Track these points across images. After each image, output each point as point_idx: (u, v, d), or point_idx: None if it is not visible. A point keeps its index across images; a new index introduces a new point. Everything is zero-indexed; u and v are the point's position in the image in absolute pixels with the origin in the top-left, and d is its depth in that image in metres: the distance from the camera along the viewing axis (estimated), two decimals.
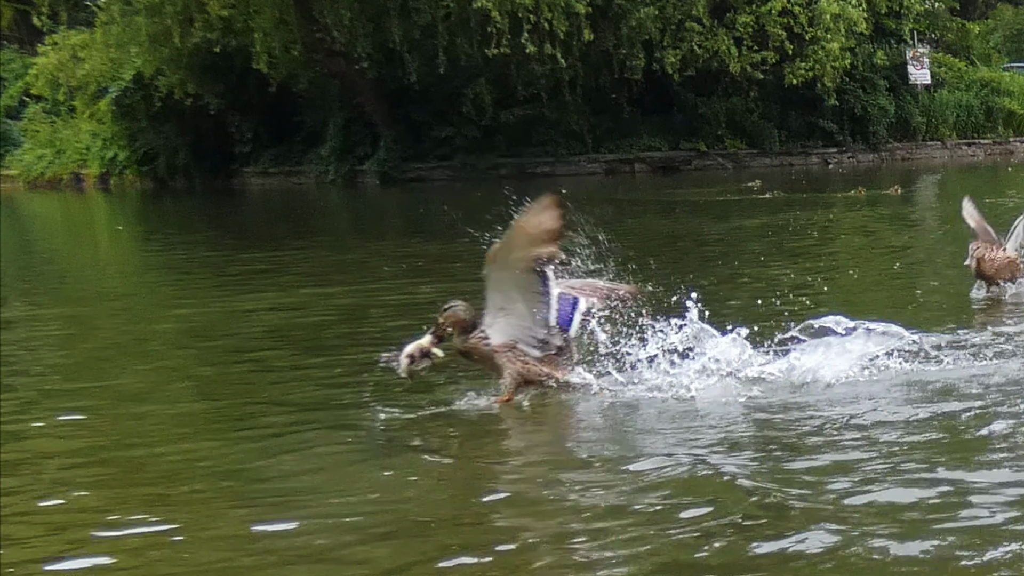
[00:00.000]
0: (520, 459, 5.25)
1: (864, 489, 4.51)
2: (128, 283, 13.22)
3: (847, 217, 18.09)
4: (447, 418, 5.76)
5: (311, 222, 22.43)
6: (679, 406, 5.81)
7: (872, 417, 5.54)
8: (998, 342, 7.09)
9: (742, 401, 5.88)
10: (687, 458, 4.92)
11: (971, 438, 5.22)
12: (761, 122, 34.92)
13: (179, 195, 31.50)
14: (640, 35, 32.93)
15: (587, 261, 6.33)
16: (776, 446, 5.13)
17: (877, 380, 6.24)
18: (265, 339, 8.37)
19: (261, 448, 5.33)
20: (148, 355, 7.96)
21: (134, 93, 33.47)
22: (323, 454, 5.22)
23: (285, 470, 5.00)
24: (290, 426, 5.69)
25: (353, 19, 31.58)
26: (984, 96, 39.27)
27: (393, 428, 5.61)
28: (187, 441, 5.53)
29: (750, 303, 8.59)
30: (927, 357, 6.56)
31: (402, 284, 11.12)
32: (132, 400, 6.42)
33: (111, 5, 32.51)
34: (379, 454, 5.19)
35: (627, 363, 6.19)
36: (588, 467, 4.94)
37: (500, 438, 5.54)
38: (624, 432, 5.46)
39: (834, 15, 33.69)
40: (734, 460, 4.92)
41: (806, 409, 5.73)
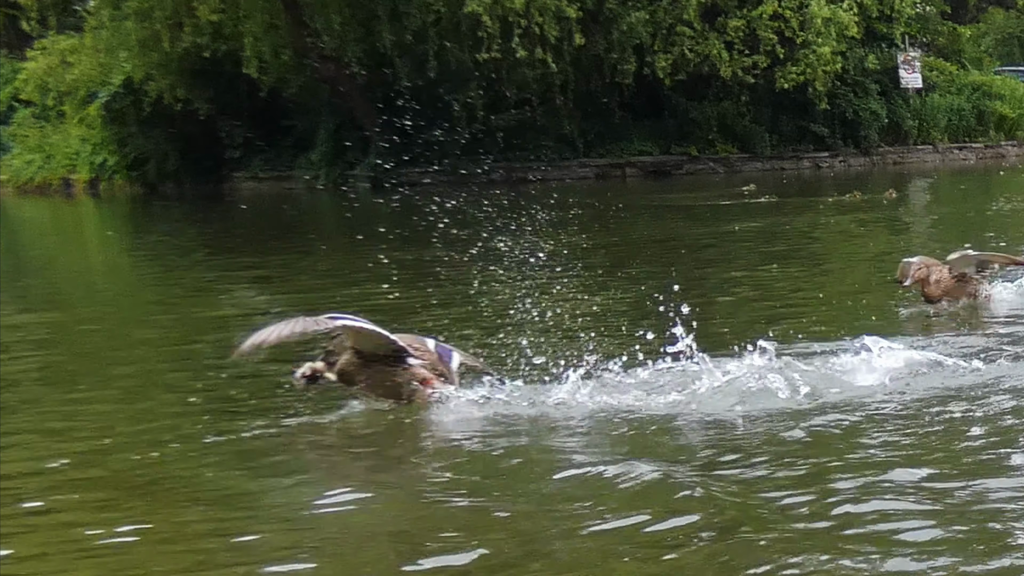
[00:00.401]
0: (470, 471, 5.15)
1: (839, 502, 4.44)
2: (118, 288, 13.17)
3: (843, 221, 18.05)
4: (426, 427, 5.68)
5: (300, 227, 22.36)
6: (630, 419, 5.73)
7: (845, 426, 5.47)
8: (954, 346, 7.06)
9: (736, 413, 5.80)
10: (648, 469, 4.84)
11: (952, 444, 5.15)
12: (752, 126, 34.89)
13: (169, 200, 31.40)
14: (631, 39, 32.90)
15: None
16: (733, 456, 5.06)
17: (847, 388, 6.19)
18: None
19: (240, 453, 5.25)
20: (132, 361, 7.90)
21: (124, 98, 33.36)
22: (304, 460, 5.14)
23: (264, 476, 4.92)
24: (273, 432, 5.60)
25: (343, 24, 31.53)
26: (975, 100, 39.28)
27: (368, 436, 5.53)
28: (166, 446, 5.45)
29: (752, 311, 8.54)
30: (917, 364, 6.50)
31: (389, 289, 11.06)
32: (116, 403, 6.36)
33: (100, 10, 32.44)
34: (353, 461, 5.11)
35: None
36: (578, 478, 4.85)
37: (469, 449, 5.46)
38: (572, 446, 5.39)
39: (825, 19, 33.68)
40: (706, 473, 4.85)
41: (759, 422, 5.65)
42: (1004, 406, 5.69)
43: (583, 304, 9.39)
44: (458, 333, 7.89)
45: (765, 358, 6.23)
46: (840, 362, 6.42)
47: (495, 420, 5.72)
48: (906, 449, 5.09)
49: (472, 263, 13.02)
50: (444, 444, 5.45)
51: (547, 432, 5.57)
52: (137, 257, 17.30)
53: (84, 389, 6.93)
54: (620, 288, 10.80)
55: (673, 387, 6.06)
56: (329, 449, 5.39)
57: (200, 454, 5.29)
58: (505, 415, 5.78)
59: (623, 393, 6.00)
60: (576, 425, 5.64)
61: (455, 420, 5.72)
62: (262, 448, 5.33)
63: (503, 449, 5.30)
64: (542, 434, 5.58)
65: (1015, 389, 6.01)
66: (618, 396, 5.96)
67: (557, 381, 6.15)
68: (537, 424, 5.69)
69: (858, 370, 6.30)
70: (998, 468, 4.80)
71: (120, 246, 19.82)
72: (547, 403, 5.89)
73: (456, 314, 9.28)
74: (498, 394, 5.96)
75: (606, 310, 9.20)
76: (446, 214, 14.95)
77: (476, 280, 10.07)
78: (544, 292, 10.33)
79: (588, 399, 5.90)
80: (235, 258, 15.47)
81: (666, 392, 6.01)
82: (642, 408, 5.82)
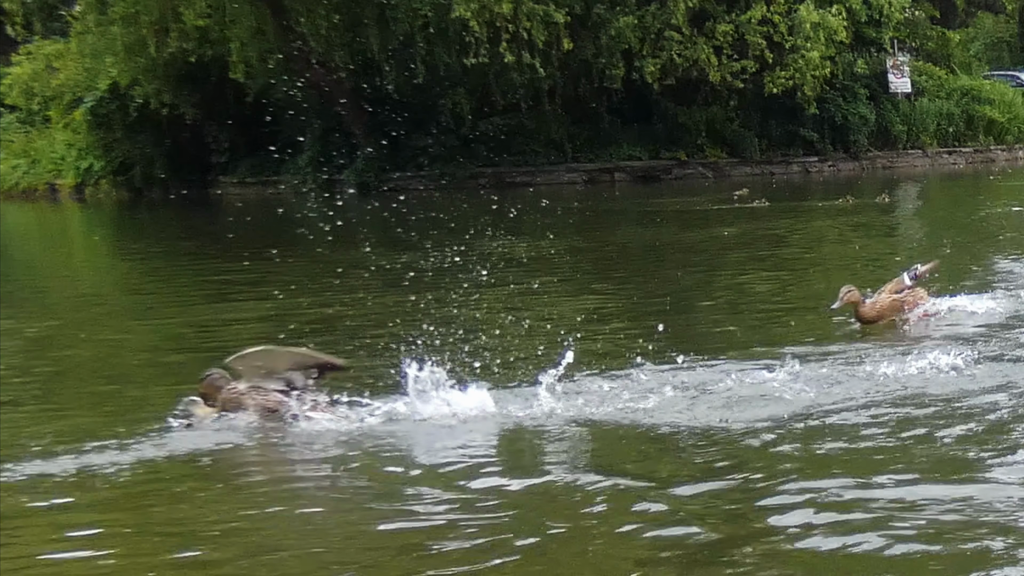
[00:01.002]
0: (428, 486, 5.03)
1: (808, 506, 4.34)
2: (103, 293, 13.08)
3: (837, 225, 17.98)
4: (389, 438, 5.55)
5: (286, 232, 22.21)
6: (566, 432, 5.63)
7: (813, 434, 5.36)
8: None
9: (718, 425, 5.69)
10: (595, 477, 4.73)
11: (925, 449, 5.05)
12: (741, 131, 34.82)
13: (155, 205, 31.24)
14: (619, 44, 32.80)
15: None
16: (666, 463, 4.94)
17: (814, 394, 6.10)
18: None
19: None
20: (117, 365, 7.82)
21: (109, 103, 33.18)
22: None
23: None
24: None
25: (330, 29, 31.39)
26: (965, 104, 39.27)
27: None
28: (143, 452, 5.34)
29: (733, 317, 8.44)
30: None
31: (376, 295, 11.00)
32: (97, 407, 6.26)
33: (86, 15, 32.23)
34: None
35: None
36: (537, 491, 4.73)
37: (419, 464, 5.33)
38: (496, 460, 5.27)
39: (814, 24, 33.61)
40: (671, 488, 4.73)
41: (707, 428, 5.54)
42: (943, 419, 5.62)
43: (545, 310, 9.31)
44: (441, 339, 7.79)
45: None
46: (763, 378, 6.37)
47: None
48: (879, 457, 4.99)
49: (451, 268, 12.96)
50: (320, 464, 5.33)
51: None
52: (123, 262, 17.20)
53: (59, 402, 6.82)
54: (596, 294, 10.69)
55: (621, 397, 5.99)
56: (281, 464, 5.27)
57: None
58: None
59: (568, 401, 5.91)
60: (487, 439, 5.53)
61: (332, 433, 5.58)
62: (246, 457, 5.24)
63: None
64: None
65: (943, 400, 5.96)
66: (564, 403, 5.88)
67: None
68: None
69: (780, 389, 6.23)
70: (945, 480, 4.73)
71: (107, 251, 19.72)
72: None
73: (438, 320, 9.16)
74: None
75: (575, 316, 9.10)
76: (430, 219, 14.91)
77: (460, 285, 9.96)
78: (510, 297, 10.26)
79: (520, 409, 5.82)
80: (215, 265, 15.34)
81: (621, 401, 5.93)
82: (592, 418, 5.73)
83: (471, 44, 30.81)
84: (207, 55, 31.53)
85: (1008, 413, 5.77)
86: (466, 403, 6.04)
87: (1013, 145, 40.76)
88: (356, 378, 6.93)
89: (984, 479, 4.78)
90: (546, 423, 5.76)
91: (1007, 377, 6.51)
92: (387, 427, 5.83)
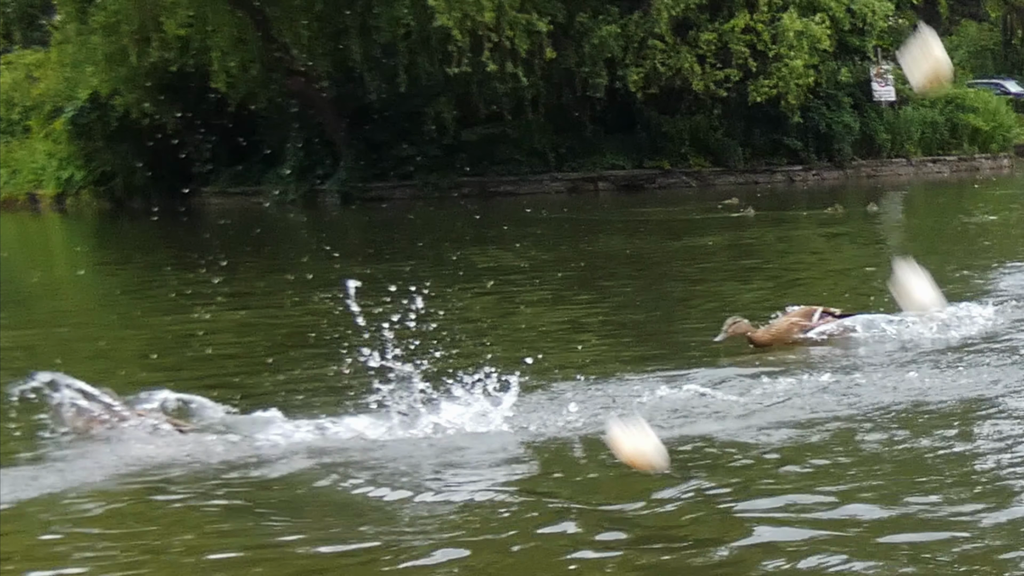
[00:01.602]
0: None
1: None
2: (86, 304, 12.95)
3: (827, 234, 17.92)
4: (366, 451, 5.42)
5: (268, 242, 22.12)
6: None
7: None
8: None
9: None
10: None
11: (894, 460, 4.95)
12: (725, 140, 34.76)
13: (136, 215, 31.05)
14: (602, 53, 32.75)
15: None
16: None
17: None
18: (216, 359, 8.34)
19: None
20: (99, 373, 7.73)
21: (90, 113, 33.02)
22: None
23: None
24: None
25: (312, 38, 31.30)
26: (949, 113, 39.26)
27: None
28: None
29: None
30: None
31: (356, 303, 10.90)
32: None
33: (66, 24, 32.12)
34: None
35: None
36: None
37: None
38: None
39: (797, 32, 33.57)
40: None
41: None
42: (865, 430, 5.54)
43: (503, 321, 9.21)
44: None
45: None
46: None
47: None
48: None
49: (426, 277, 12.82)
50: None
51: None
52: (105, 273, 17.08)
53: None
54: (568, 304, 10.58)
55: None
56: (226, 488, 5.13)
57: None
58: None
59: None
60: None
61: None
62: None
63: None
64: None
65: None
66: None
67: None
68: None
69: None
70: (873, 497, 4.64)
71: (88, 262, 19.61)
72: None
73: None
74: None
75: (539, 327, 9.00)
76: (411, 228, 14.82)
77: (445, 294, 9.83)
78: (473, 308, 10.17)
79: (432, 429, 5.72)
80: (189, 276, 15.20)
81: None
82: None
83: (454, 53, 30.73)
84: (188, 65, 31.43)
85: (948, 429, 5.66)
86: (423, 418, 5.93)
87: (998, 153, 40.78)
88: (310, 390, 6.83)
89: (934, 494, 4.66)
90: (491, 438, 5.64)
91: (928, 392, 6.43)
92: (323, 443, 5.71)
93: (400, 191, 32.33)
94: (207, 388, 6.75)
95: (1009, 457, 5.17)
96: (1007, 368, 6.97)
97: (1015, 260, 12.48)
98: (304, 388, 7.11)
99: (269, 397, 6.79)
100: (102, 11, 31.19)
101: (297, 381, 7.41)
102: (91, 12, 31.44)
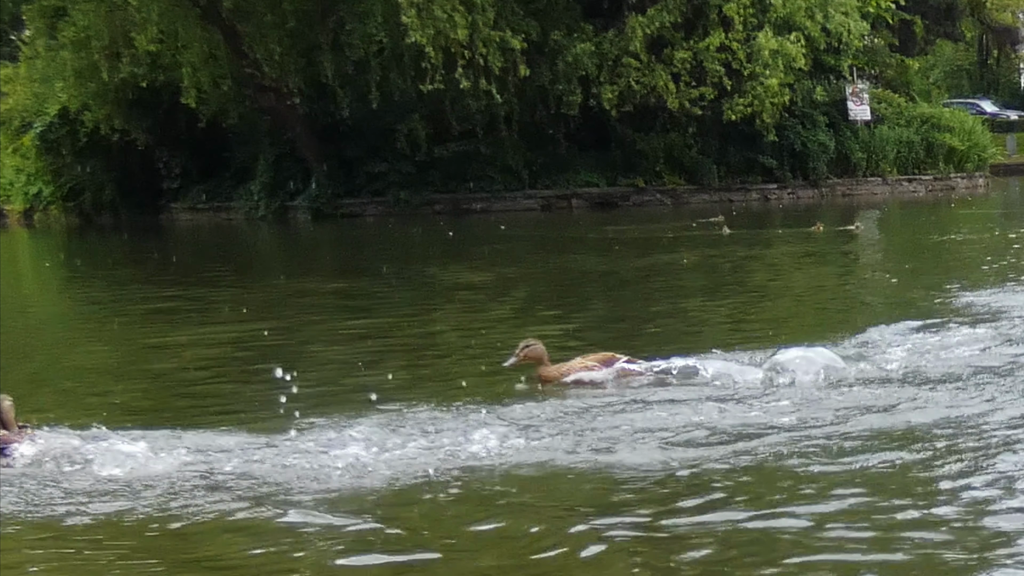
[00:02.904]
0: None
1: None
2: (50, 320, 12.85)
3: (820, 252, 17.80)
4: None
5: (235, 258, 21.93)
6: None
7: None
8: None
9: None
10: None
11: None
12: (700, 158, 34.67)
13: (105, 231, 30.83)
14: (577, 71, 32.63)
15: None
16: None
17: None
18: (182, 373, 8.25)
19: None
20: (64, 391, 7.68)
21: (59, 128, 32.82)
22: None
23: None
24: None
25: (284, 54, 31.14)
26: (924, 132, 39.32)
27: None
28: None
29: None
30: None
31: (322, 319, 10.78)
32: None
33: (36, 40, 31.93)
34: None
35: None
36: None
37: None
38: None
39: (772, 51, 33.54)
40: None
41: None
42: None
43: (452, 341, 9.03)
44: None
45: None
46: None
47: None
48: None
49: (392, 293, 12.66)
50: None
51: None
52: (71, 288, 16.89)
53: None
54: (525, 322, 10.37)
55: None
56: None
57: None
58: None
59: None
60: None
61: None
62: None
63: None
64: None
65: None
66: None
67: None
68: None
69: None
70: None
71: (56, 276, 19.40)
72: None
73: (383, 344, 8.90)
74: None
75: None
76: (379, 244, 14.66)
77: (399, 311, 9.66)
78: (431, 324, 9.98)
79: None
80: (155, 292, 15.00)
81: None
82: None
83: (427, 70, 30.54)
84: (159, 80, 31.23)
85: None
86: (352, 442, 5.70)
87: (973, 173, 40.87)
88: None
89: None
90: (409, 466, 5.40)
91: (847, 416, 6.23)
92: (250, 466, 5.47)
93: (372, 207, 32.14)
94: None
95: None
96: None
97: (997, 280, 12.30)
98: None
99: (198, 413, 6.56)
100: (72, 26, 31.00)
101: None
102: (61, 27, 31.25)
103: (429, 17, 29.99)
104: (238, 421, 6.31)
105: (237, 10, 30.55)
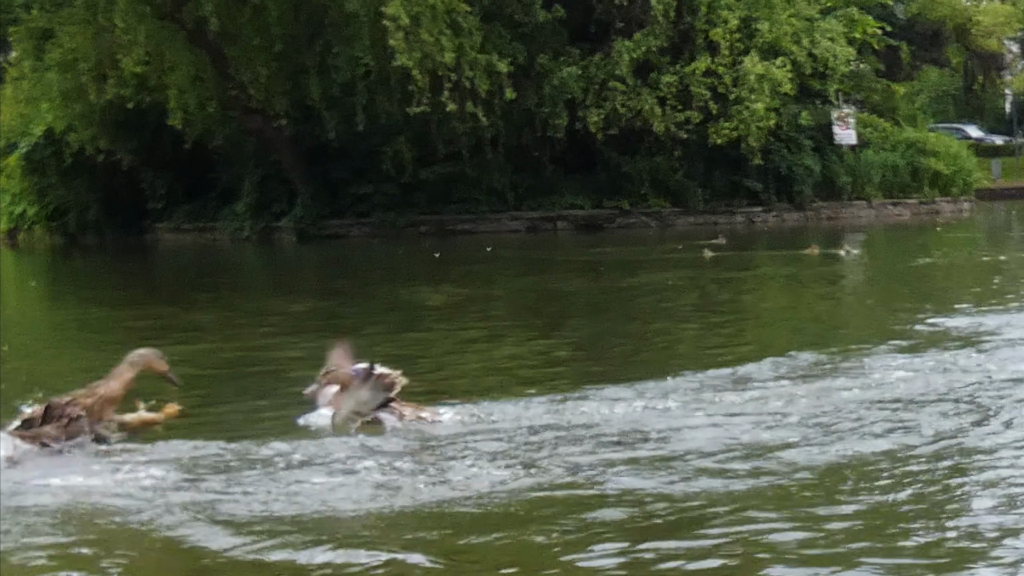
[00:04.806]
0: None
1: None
2: (31, 339, 12.86)
3: (812, 275, 17.80)
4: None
5: (218, 279, 21.93)
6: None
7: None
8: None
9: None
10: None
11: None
12: (685, 181, 34.70)
13: (89, 251, 30.79)
14: (563, 94, 32.74)
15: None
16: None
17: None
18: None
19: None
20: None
21: (44, 148, 32.85)
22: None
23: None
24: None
25: (270, 77, 31.21)
26: (910, 156, 39.42)
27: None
28: None
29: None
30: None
31: (304, 338, 10.77)
32: None
33: (22, 61, 31.99)
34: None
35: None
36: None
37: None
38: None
39: (759, 76, 33.63)
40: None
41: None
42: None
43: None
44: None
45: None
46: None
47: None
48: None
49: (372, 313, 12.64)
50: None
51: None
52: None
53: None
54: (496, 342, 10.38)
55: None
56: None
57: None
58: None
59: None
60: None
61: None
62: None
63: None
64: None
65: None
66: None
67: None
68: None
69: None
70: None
71: (40, 299, 19.38)
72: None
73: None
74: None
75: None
76: (366, 266, 14.66)
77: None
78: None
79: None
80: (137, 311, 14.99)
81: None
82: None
83: (413, 93, 30.62)
84: (145, 102, 31.26)
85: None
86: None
87: (958, 197, 40.99)
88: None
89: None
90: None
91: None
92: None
93: (357, 229, 32.15)
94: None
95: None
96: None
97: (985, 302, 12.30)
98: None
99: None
100: (59, 48, 31.06)
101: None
102: (47, 49, 31.29)
103: (416, 40, 30.11)
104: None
105: (224, 33, 30.63)
